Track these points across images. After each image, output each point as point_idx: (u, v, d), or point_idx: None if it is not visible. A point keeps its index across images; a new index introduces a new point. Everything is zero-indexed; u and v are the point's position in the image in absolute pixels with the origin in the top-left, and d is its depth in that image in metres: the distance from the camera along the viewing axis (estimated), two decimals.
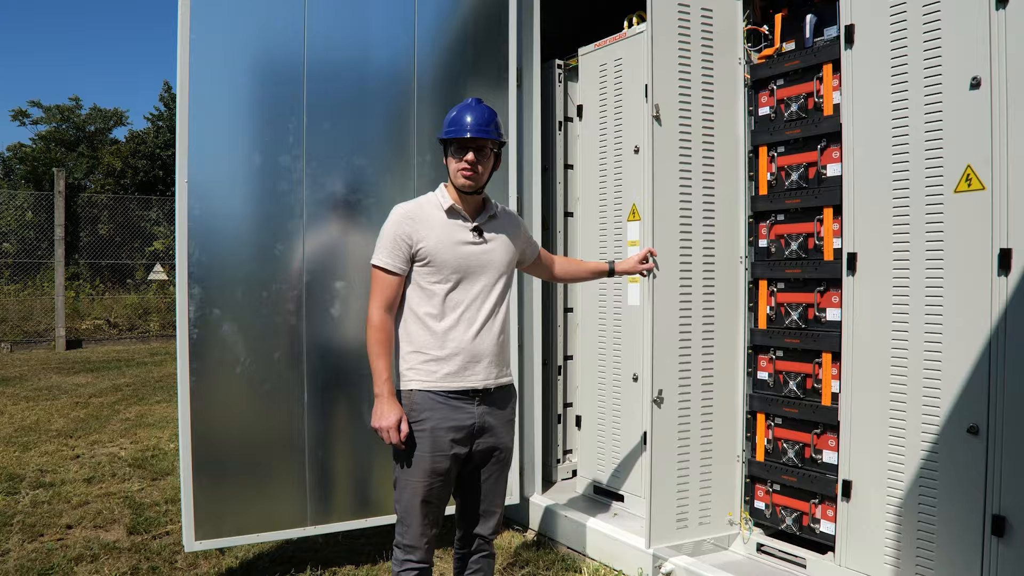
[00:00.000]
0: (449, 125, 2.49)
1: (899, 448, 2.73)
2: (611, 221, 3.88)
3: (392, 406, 2.43)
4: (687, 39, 3.17)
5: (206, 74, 3.19)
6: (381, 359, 2.45)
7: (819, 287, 3.05)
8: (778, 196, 3.19)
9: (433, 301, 2.47)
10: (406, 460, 2.47)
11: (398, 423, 2.42)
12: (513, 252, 2.62)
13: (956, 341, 2.56)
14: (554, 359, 4.35)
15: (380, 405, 2.44)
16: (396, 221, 2.49)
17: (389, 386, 2.44)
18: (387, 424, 2.41)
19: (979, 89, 2.46)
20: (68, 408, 7.13)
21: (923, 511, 2.66)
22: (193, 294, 3.18)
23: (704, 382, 3.24)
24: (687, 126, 3.17)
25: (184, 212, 3.16)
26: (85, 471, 5.11)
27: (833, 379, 2.98)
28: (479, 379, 2.49)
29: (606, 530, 3.54)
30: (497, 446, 2.57)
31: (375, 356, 2.46)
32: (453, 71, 3.68)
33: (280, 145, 3.32)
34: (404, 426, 2.42)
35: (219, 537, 3.25)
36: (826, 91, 3.01)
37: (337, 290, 3.41)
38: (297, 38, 3.33)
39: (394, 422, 2.41)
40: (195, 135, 3.17)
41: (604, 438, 3.97)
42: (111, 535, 3.98)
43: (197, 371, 3.19)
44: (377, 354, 2.46)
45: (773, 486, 3.23)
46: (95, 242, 13.70)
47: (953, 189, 2.54)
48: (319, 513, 3.41)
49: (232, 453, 3.30)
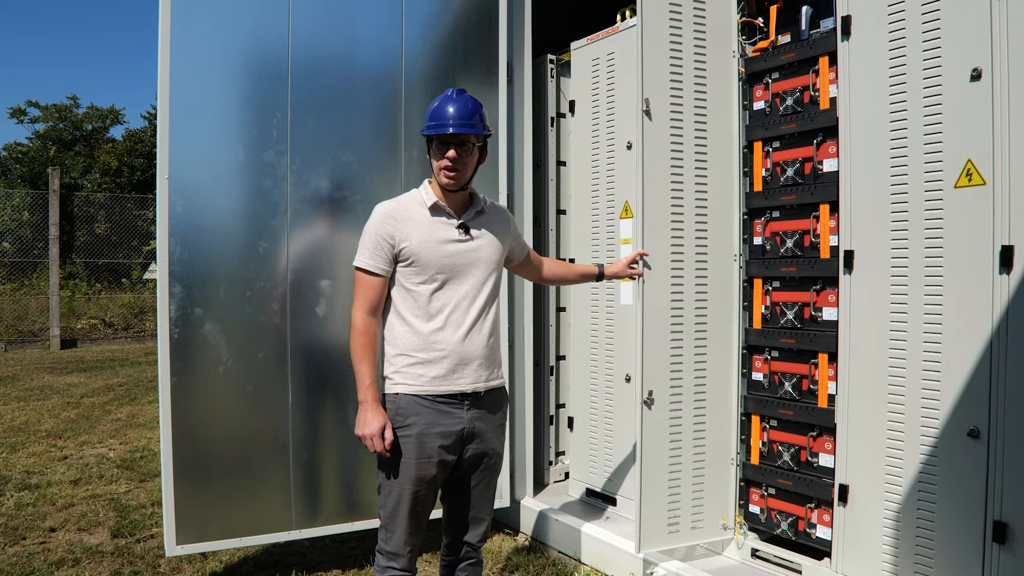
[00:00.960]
0: (430, 119, 2.40)
1: (897, 452, 2.66)
2: (603, 218, 3.81)
3: (376, 413, 2.36)
4: (679, 31, 3.10)
5: (187, 68, 3.13)
6: (364, 364, 2.38)
7: (815, 286, 2.98)
8: (773, 192, 3.13)
9: (419, 302, 2.39)
10: (391, 466, 2.40)
11: (381, 430, 2.35)
12: (502, 250, 2.54)
13: (956, 341, 2.49)
14: (546, 359, 4.28)
15: (364, 412, 2.37)
16: (378, 220, 2.41)
17: (373, 392, 2.37)
18: (370, 432, 2.34)
19: (980, 81, 2.39)
20: (59, 408, 7.07)
21: (922, 516, 2.59)
22: (174, 293, 3.14)
23: (697, 383, 3.18)
24: (679, 121, 3.11)
25: (165, 209, 3.11)
26: (72, 473, 5.05)
27: (830, 380, 2.92)
28: (468, 382, 2.41)
29: (598, 534, 3.47)
30: (487, 452, 2.49)
31: (358, 361, 2.39)
32: (442, 65, 3.62)
33: (264, 141, 3.26)
34: (388, 433, 2.35)
35: (201, 541, 3.19)
36: (822, 84, 2.94)
37: (322, 289, 3.35)
38: (282, 30, 3.28)
39: (377, 429, 2.34)
40: (176, 130, 3.11)
41: (596, 440, 3.90)
42: (95, 538, 3.92)
43: (179, 371, 3.14)
44: (360, 359, 2.39)
45: (768, 490, 3.16)
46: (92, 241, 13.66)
47: (953, 184, 2.47)
48: (305, 516, 3.35)
49: (215, 455, 3.25)
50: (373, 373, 2.38)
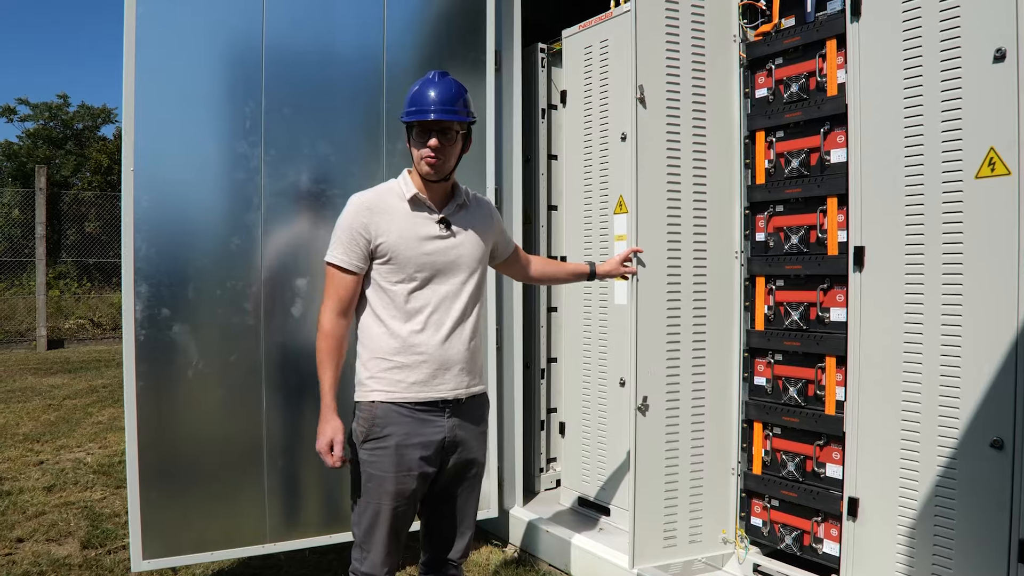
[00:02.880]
0: (410, 104, 2.24)
1: (912, 463, 2.50)
2: (596, 214, 3.64)
3: (326, 424, 2.22)
4: (675, 14, 2.95)
5: (154, 54, 2.96)
6: (327, 370, 2.24)
7: (822, 284, 2.84)
8: (777, 185, 2.99)
9: (396, 302, 2.23)
10: (366, 480, 2.23)
11: (330, 445, 2.20)
12: (484, 247, 2.38)
13: (977, 344, 2.33)
14: (537, 361, 4.10)
15: (320, 423, 2.23)
16: (352, 212, 2.25)
17: (328, 400, 2.23)
18: (319, 445, 2.21)
19: (1004, 62, 2.23)
20: (39, 411, 6.90)
21: (939, 534, 2.42)
22: (140, 292, 2.98)
23: (695, 388, 3.03)
24: (675, 110, 2.96)
25: (130, 203, 2.95)
26: (46, 479, 4.88)
27: (838, 385, 2.77)
28: (449, 388, 2.25)
29: (590, 547, 3.30)
30: (470, 462, 2.34)
31: (320, 367, 2.25)
32: (427, 52, 3.46)
33: (237, 131, 3.10)
34: (337, 448, 2.20)
35: (170, 555, 3.03)
36: (830, 69, 2.79)
37: (299, 288, 3.18)
38: (255, 14, 3.12)
39: (324, 444, 2.21)
40: (142, 120, 2.95)
41: (589, 447, 3.72)
42: (63, 549, 3.75)
43: (145, 375, 2.98)
44: (323, 364, 2.24)
45: (771, 501, 3.00)
46: (82, 240, 13.48)
47: (974, 174, 2.32)
48: (281, 528, 3.19)
49: (184, 464, 3.08)
50: (333, 381, 2.24)
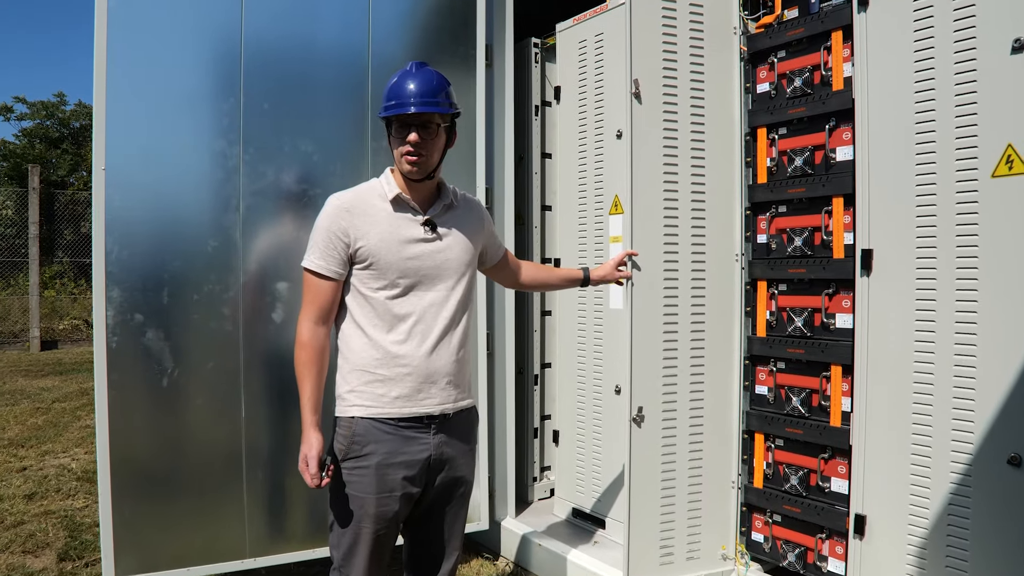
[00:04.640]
0: (387, 98, 2.12)
1: (923, 479, 2.39)
2: (592, 215, 3.52)
3: (304, 442, 2.09)
4: (672, 7, 2.85)
5: (126, 47, 2.84)
6: (305, 383, 2.11)
7: (827, 289, 2.73)
8: (779, 184, 2.89)
9: (378, 311, 2.10)
10: (346, 501, 2.10)
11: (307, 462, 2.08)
12: (473, 250, 2.25)
13: (993, 353, 2.22)
14: (530, 367, 3.98)
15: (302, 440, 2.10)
16: (330, 214, 2.12)
17: (307, 415, 2.10)
18: (299, 465, 2.09)
19: (1022, 53, 2.12)
20: (27, 414, 6.78)
21: (952, 554, 2.31)
22: (112, 297, 2.85)
23: (693, 398, 2.91)
24: (672, 105, 2.85)
25: (101, 204, 2.83)
26: (28, 486, 4.76)
27: (844, 396, 2.67)
28: (435, 403, 2.13)
29: (583, 562, 3.17)
30: (457, 480, 2.22)
31: (299, 379, 2.12)
32: (414, 47, 3.34)
33: (214, 128, 2.98)
34: (312, 465, 2.07)
35: (144, 572, 2.91)
36: (835, 63, 2.69)
37: (279, 292, 3.06)
38: (234, 5, 2.99)
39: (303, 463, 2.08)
40: (114, 117, 2.82)
41: (584, 456, 3.60)
42: (39, 562, 3.63)
43: (117, 384, 2.86)
44: (301, 376, 2.12)
45: (773, 516, 2.89)
46: (78, 240, 13.39)
47: (990, 173, 2.21)
48: (261, 542, 3.07)
49: (159, 477, 2.96)
50: (314, 394, 2.11)
